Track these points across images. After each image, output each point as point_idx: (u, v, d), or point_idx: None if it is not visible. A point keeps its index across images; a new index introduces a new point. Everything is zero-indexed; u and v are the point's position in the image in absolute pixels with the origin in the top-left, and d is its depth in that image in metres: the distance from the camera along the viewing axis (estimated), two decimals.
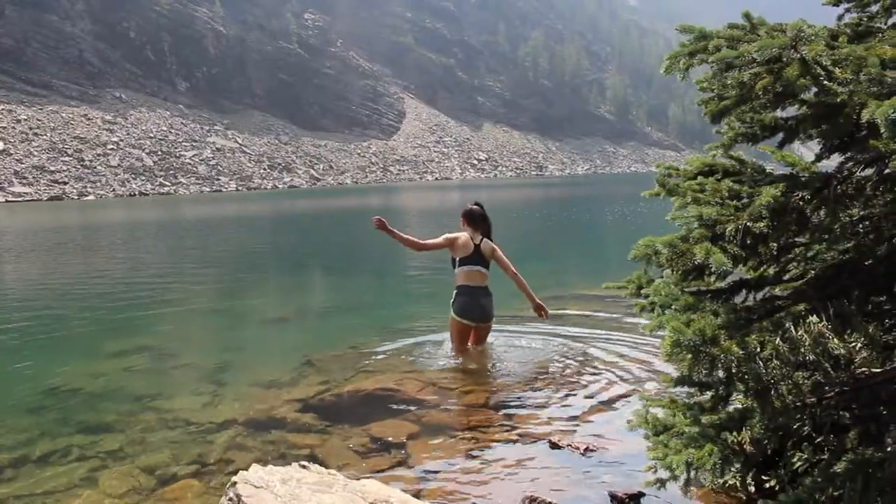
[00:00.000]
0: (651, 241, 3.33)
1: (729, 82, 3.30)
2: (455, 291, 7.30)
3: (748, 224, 3.08)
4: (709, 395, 3.54)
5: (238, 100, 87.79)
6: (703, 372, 3.01)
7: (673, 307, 3.20)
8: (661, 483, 3.38)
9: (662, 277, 3.71)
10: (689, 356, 2.88)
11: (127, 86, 78.55)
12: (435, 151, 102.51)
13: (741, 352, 2.87)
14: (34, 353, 8.85)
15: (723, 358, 2.84)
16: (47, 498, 4.62)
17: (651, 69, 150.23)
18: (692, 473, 3.15)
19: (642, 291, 3.78)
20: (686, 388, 3.70)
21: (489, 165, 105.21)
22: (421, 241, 7.42)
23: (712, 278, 3.62)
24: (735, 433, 3.14)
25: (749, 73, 3.21)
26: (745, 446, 3.14)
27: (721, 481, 3.42)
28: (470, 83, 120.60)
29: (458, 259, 7.24)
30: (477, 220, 7.34)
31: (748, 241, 3.13)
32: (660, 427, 3.36)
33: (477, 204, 7.51)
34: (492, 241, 7.37)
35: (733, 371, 2.87)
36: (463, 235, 7.29)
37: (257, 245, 23.93)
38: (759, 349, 2.93)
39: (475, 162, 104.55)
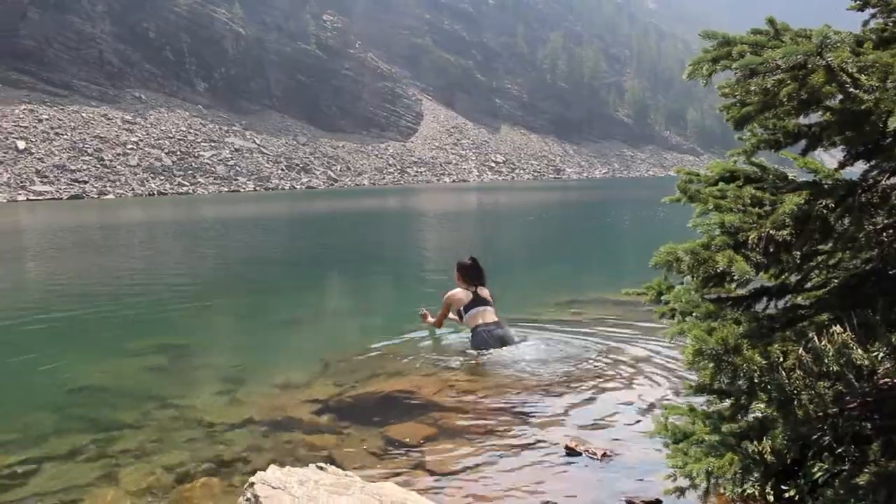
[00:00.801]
0: (673, 248, 3.30)
1: (752, 88, 3.27)
2: (471, 333, 7.74)
3: (771, 232, 3.05)
4: (728, 403, 3.52)
5: (256, 100, 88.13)
6: (726, 381, 2.99)
7: (694, 314, 3.18)
8: (681, 491, 3.35)
9: (682, 284, 3.69)
10: (712, 365, 2.86)
11: (146, 86, 79.09)
12: (452, 153, 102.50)
13: (764, 361, 2.84)
14: (55, 352, 8.91)
15: (745, 367, 2.82)
16: (68, 494, 4.66)
17: (670, 72, 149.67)
18: (712, 482, 3.13)
19: (662, 298, 3.75)
20: (705, 396, 3.67)
21: (507, 168, 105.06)
22: (437, 321, 8.19)
23: (733, 286, 3.59)
24: (756, 442, 3.11)
25: (773, 80, 3.18)
26: (765, 455, 3.11)
27: (740, 490, 3.39)
28: (488, 85, 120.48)
29: (463, 308, 7.83)
30: (471, 275, 7.91)
31: (771, 249, 3.10)
32: (679, 435, 3.34)
33: (471, 258, 8.02)
34: (485, 286, 7.97)
35: (756, 381, 2.85)
36: (458, 292, 7.89)
37: (275, 246, 24.01)
38: (781, 359, 2.90)
39: (493, 164, 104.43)
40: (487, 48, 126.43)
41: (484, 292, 7.90)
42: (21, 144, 60.54)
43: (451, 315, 8.10)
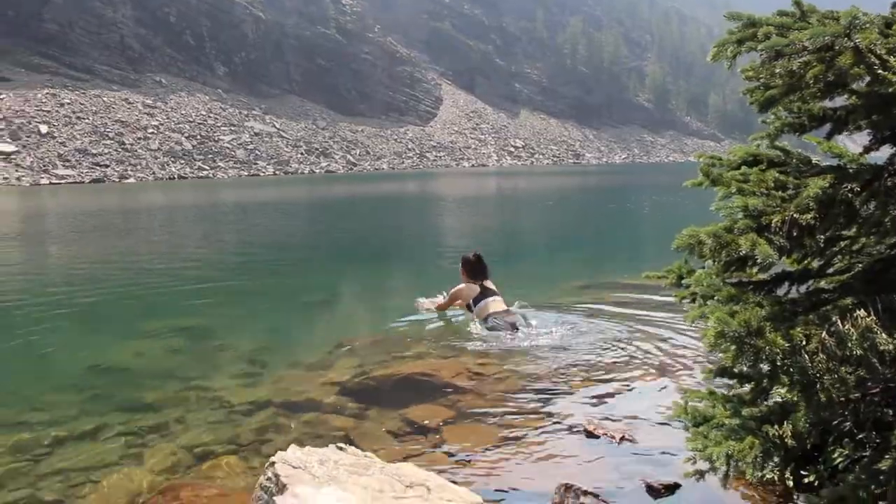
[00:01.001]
0: (695, 230, 3.28)
1: (777, 71, 3.24)
2: (484, 322, 7.88)
3: (795, 215, 3.02)
4: (748, 387, 3.50)
5: (276, 85, 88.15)
6: (747, 364, 2.97)
7: (715, 298, 3.16)
8: (700, 474, 3.35)
9: (704, 268, 3.67)
10: (733, 347, 2.84)
11: (167, 70, 79.27)
12: (472, 138, 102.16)
13: (786, 344, 2.82)
14: (78, 333, 9.04)
15: (767, 350, 2.80)
16: (92, 473, 4.74)
17: (691, 57, 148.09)
18: (732, 466, 3.12)
19: (683, 281, 3.74)
20: (725, 380, 3.66)
21: (526, 153, 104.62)
22: (439, 304, 8.43)
23: (755, 270, 3.57)
24: (776, 426, 3.10)
25: (799, 62, 3.14)
26: (786, 440, 3.10)
27: (760, 475, 3.38)
28: (507, 70, 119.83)
29: (472, 301, 8.07)
30: (476, 270, 8.16)
31: (794, 233, 3.08)
32: (699, 418, 3.33)
33: (475, 254, 8.28)
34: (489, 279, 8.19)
35: (778, 364, 2.83)
36: (464, 287, 8.16)
37: (294, 230, 24.10)
38: (804, 342, 2.88)
39: (512, 149, 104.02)
40: (507, 33, 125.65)
41: (490, 285, 8.13)
42: (44, 129, 60.98)
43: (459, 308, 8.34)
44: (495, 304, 7.97)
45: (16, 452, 5.07)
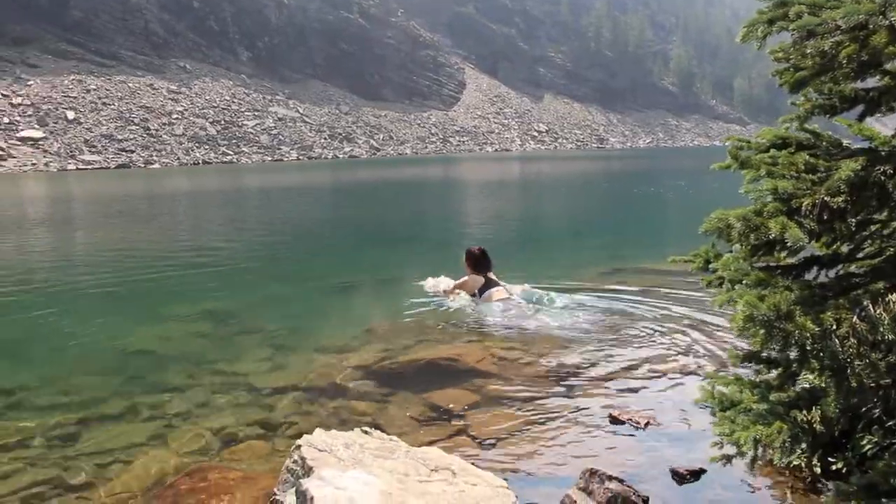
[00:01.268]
0: (724, 214, 3.24)
1: (809, 51, 3.18)
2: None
3: (826, 198, 2.97)
4: (776, 372, 3.47)
5: (299, 69, 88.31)
6: (776, 348, 2.93)
7: (743, 282, 3.12)
8: (727, 459, 3.33)
9: (731, 252, 3.63)
10: (762, 332, 2.80)
11: (191, 56, 79.69)
12: (495, 122, 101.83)
13: (816, 329, 2.78)
14: (104, 317, 9.13)
15: (797, 335, 2.76)
16: (119, 454, 4.79)
17: (716, 39, 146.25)
18: (759, 451, 3.09)
19: (710, 266, 3.70)
20: (753, 365, 3.62)
21: (549, 137, 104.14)
22: (446, 291, 8.82)
23: (783, 254, 3.52)
24: (805, 412, 3.06)
25: (831, 42, 3.08)
26: (814, 425, 3.06)
27: (787, 460, 3.35)
28: (531, 54, 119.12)
29: (478, 291, 8.53)
30: (481, 263, 8.62)
31: (825, 217, 3.03)
32: (726, 403, 3.30)
33: (480, 248, 8.75)
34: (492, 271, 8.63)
35: (807, 348, 2.79)
36: (469, 279, 8.59)
37: (319, 214, 24.19)
38: (834, 327, 2.84)
39: (535, 133, 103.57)
40: (530, 16, 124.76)
41: (492, 276, 8.59)
42: (70, 115, 61.60)
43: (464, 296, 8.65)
44: (499, 293, 8.44)
45: (46, 435, 5.14)
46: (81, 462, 4.72)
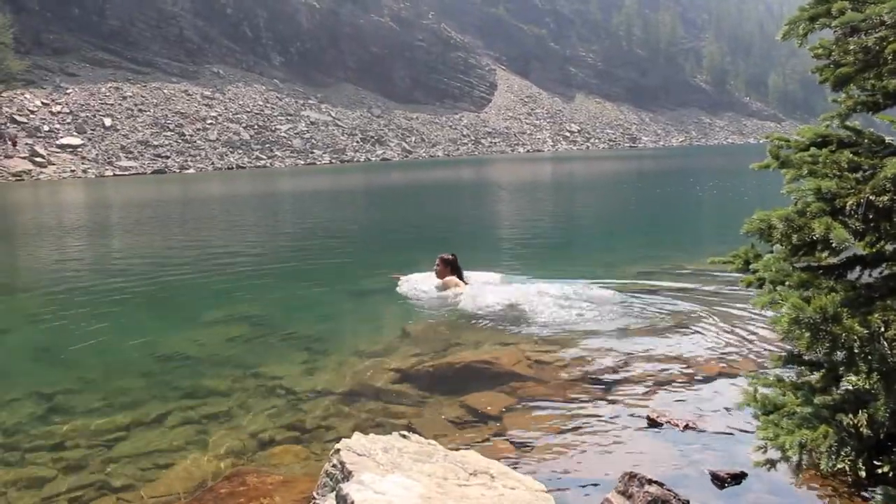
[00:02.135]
0: (766, 215, 3.18)
1: (851, 48, 3.11)
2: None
3: (871, 197, 2.91)
4: (819, 374, 3.40)
5: (331, 73, 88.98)
6: (823, 351, 2.87)
7: (786, 283, 3.06)
8: (771, 464, 3.27)
9: (772, 252, 3.57)
10: (808, 334, 2.75)
11: (224, 62, 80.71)
12: (527, 123, 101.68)
13: (864, 331, 2.72)
14: (141, 322, 9.26)
15: (844, 337, 2.71)
16: (159, 457, 4.85)
17: (750, 36, 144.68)
18: (804, 455, 3.03)
19: (750, 266, 3.64)
20: (794, 367, 3.56)
21: (581, 137, 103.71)
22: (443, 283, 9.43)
23: (824, 254, 3.46)
24: (851, 415, 3.00)
25: (875, 37, 3.01)
26: (861, 429, 3.00)
27: (834, 464, 3.28)
28: (562, 53, 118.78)
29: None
30: (454, 267, 9.42)
31: (870, 216, 2.96)
32: (770, 406, 3.24)
33: (452, 255, 9.53)
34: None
35: (855, 351, 2.73)
36: (453, 278, 9.36)
37: (351, 217, 24.29)
38: (882, 329, 2.78)
39: (567, 134, 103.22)
40: (561, 16, 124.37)
41: (465, 278, 9.47)
42: (107, 121, 62.67)
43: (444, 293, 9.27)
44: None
45: (86, 438, 5.22)
46: (123, 465, 4.78)
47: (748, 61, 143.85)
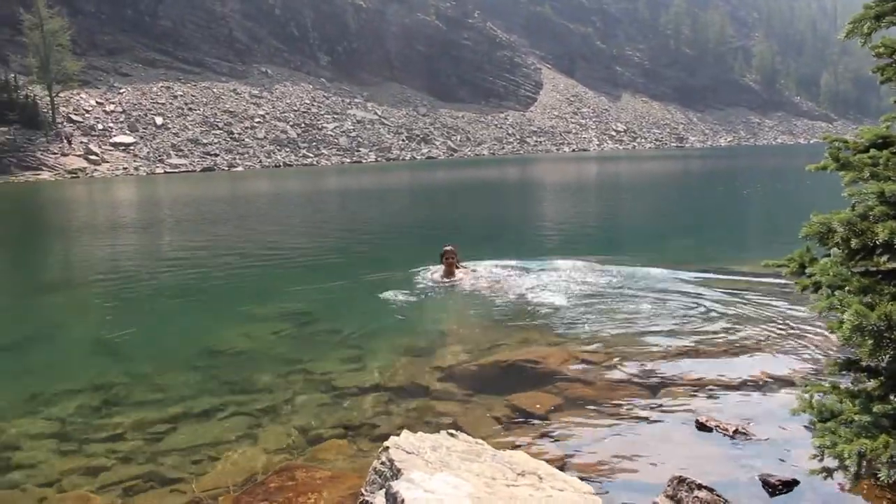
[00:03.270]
0: (826, 218, 3.11)
1: None
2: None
3: None
4: (874, 382, 3.32)
5: (377, 72, 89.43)
6: (886, 359, 2.80)
7: (846, 288, 2.99)
8: (828, 472, 3.20)
9: (829, 256, 3.49)
10: (871, 342, 2.68)
11: (272, 61, 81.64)
12: (572, 122, 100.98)
13: None
14: (190, 317, 9.41)
15: None
16: (209, 450, 4.93)
17: (801, 35, 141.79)
18: (864, 465, 2.96)
19: (806, 270, 3.57)
20: (850, 374, 3.48)
21: (627, 137, 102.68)
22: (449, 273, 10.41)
23: (884, 258, 3.37)
24: None
25: None
26: None
27: (892, 475, 3.20)
28: (608, 53, 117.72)
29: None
30: (449, 257, 10.32)
31: None
32: (826, 413, 3.17)
33: (448, 247, 10.45)
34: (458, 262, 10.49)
35: None
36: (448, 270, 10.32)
37: (399, 214, 24.36)
38: None
39: (613, 133, 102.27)
40: (608, 14, 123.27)
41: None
42: (159, 120, 63.83)
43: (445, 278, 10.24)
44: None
45: (139, 430, 5.33)
46: (173, 457, 4.88)
47: (799, 60, 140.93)
